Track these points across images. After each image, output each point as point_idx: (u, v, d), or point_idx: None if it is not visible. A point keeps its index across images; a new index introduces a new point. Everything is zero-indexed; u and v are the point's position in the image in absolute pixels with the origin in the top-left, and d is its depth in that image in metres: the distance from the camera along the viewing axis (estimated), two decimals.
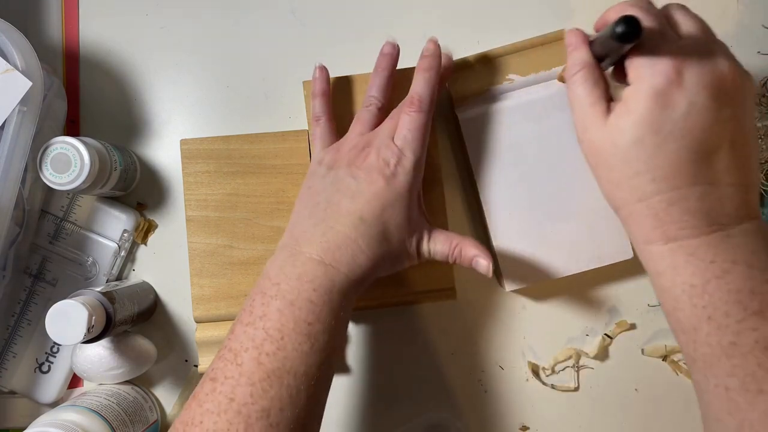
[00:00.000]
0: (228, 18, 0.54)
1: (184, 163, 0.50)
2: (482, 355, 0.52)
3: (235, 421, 0.34)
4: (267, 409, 0.34)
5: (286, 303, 0.37)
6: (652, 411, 0.52)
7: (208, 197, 0.50)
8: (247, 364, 0.36)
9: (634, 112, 0.34)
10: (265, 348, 0.36)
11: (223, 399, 0.35)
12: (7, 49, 0.43)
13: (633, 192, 0.35)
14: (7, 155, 0.43)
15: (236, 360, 0.36)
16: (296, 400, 0.35)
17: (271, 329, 0.36)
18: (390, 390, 0.52)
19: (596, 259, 0.48)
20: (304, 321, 0.37)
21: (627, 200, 0.36)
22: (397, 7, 0.54)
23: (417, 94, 0.44)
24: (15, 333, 0.51)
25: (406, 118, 0.43)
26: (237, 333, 0.37)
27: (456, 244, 0.42)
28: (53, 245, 0.51)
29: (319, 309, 0.37)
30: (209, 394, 0.35)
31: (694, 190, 0.34)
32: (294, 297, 0.37)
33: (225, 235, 0.50)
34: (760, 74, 0.53)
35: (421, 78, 0.45)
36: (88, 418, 0.45)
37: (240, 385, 0.35)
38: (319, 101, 0.48)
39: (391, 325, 0.52)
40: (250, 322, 0.37)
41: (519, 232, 0.49)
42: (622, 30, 0.32)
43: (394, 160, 0.42)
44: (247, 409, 0.34)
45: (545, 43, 0.49)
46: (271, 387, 0.35)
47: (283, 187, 0.50)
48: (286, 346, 0.36)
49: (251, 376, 0.35)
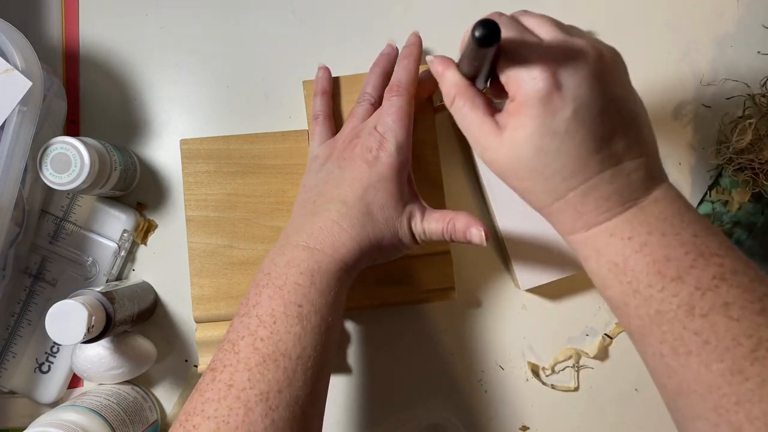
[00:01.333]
0: (228, 18, 0.54)
1: (184, 163, 0.50)
2: (482, 355, 0.52)
3: (235, 406, 0.34)
4: (265, 392, 0.35)
5: (275, 289, 0.38)
6: (652, 411, 0.52)
7: (208, 197, 0.50)
8: (243, 351, 0.36)
9: (527, 125, 0.35)
10: (260, 333, 0.37)
11: (222, 386, 0.35)
12: (7, 49, 0.43)
13: (548, 195, 0.36)
14: (7, 155, 0.43)
15: (234, 348, 0.37)
16: (294, 382, 0.36)
17: (263, 315, 0.37)
18: (390, 390, 0.52)
19: None
20: (294, 303, 0.38)
21: (544, 202, 0.37)
22: (397, 7, 0.54)
23: (396, 79, 0.46)
24: (15, 333, 0.51)
25: (386, 103, 0.44)
26: (234, 325, 0.38)
27: (449, 219, 0.42)
28: (53, 245, 0.51)
29: (307, 290, 0.38)
30: (209, 384, 0.36)
31: (602, 176, 0.34)
32: (282, 282, 0.38)
33: (225, 235, 0.50)
34: (760, 74, 0.53)
35: (400, 65, 0.47)
36: (88, 418, 0.45)
37: (238, 371, 0.36)
38: (318, 99, 0.49)
39: (391, 325, 0.52)
40: (245, 312, 0.38)
41: (530, 231, 0.49)
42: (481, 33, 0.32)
43: (376, 145, 0.43)
44: (245, 394, 0.35)
45: None
46: (267, 370, 0.35)
47: (283, 187, 0.50)
48: (279, 329, 0.37)
49: (248, 361, 0.36)
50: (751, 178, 0.51)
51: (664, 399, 0.35)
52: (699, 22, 0.54)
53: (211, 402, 0.35)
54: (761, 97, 0.51)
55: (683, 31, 0.54)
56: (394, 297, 0.50)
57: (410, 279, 0.49)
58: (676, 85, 0.53)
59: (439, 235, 0.43)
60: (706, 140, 0.53)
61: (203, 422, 0.34)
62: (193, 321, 0.50)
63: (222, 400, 0.35)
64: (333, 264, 0.40)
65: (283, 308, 0.37)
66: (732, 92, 0.53)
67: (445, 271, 0.50)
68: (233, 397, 0.35)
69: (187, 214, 0.50)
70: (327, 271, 0.39)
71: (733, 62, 0.53)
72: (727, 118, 0.52)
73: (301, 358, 0.37)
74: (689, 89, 0.53)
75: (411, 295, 0.50)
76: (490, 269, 0.53)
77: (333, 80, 0.50)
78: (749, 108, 0.52)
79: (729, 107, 0.53)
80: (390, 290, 0.49)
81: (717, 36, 0.54)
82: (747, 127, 0.50)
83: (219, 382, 0.36)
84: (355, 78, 0.50)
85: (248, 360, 0.36)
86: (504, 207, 0.49)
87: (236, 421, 0.34)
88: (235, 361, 0.36)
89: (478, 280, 0.52)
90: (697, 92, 0.53)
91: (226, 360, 0.36)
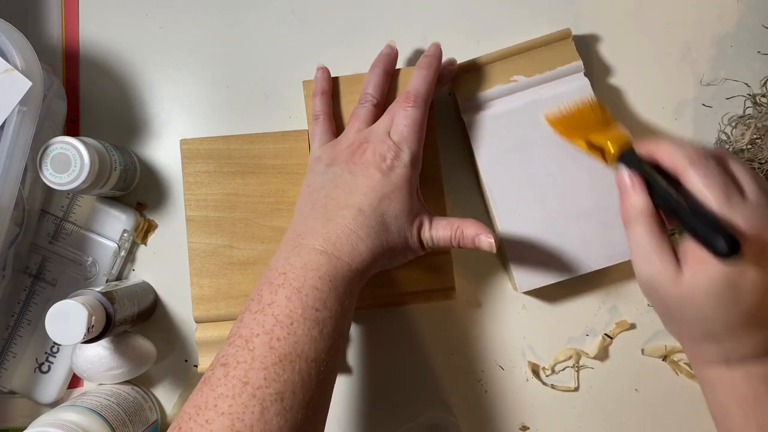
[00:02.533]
0: (228, 18, 0.54)
1: (184, 163, 0.50)
2: (482, 355, 0.52)
3: (250, 404, 0.34)
4: (281, 392, 0.35)
5: (293, 290, 0.38)
6: (652, 411, 0.52)
7: (208, 197, 0.50)
8: (259, 349, 0.36)
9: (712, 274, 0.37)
10: (276, 333, 0.36)
11: (237, 383, 0.35)
12: (7, 49, 0.43)
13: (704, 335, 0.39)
14: (7, 155, 0.43)
15: (247, 345, 0.36)
16: (308, 384, 0.36)
17: (280, 315, 0.37)
18: (390, 390, 0.52)
19: (608, 258, 0.48)
20: (312, 307, 0.38)
21: (695, 339, 0.40)
22: (397, 7, 0.54)
23: (414, 89, 0.45)
24: (15, 333, 0.51)
25: (402, 113, 0.44)
26: (246, 321, 0.38)
27: (457, 226, 0.43)
28: (53, 245, 0.51)
29: (326, 296, 0.38)
30: (221, 379, 0.35)
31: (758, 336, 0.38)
32: (300, 284, 0.38)
33: (225, 235, 0.50)
34: (760, 74, 0.53)
35: (419, 74, 0.46)
36: (88, 418, 0.45)
37: (253, 369, 0.35)
38: (319, 99, 0.49)
39: (391, 324, 0.52)
40: (259, 309, 0.38)
41: (530, 234, 0.49)
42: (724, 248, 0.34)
43: (391, 155, 0.43)
44: (261, 393, 0.35)
45: (549, 43, 0.49)
46: (284, 371, 0.35)
47: (283, 187, 0.50)
48: (296, 331, 0.37)
49: (264, 360, 0.36)
50: None
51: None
52: (699, 22, 0.54)
53: (225, 398, 0.35)
54: (761, 97, 0.51)
55: (683, 31, 0.54)
56: (394, 297, 0.50)
57: (411, 279, 0.49)
58: (676, 85, 0.53)
59: (447, 242, 0.43)
60: (706, 140, 0.53)
61: (217, 417, 0.34)
62: (193, 321, 0.50)
63: (237, 397, 0.34)
64: (350, 272, 0.40)
65: (301, 310, 0.37)
66: (732, 92, 0.53)
67: (445, 271, 0.50)
68: (248, 394, 0.34)
69: (187, 214, 0.50)
70: (344, 278, 0.40)
71: (733, 62, 0.53)
72: (727, 118, 0.52)
73: (315, 361, 0.37)
74: (689, 89, 0.53)
75: (411, 295, 0.50)
76: (490, 269, 0.53)
77: (333, 80, 0.50)
78: (749, 108, 0.52)
79: (729, 107, 0.53)
80: (390, 290, 0.49)
81: (717, 36, 0.54)
82: (747, 127, 0.50)
83: (233, 379, 0.35)
84: (354, 78, 0.50)
85: (264, 358, 0.36)
86: (504, 209, 0.49)
87: (251, 419, 0.34)
88: (249, 359, 0.36)
89: (478, 281, 0.52)
90: (697, 92, 0.53)
91: (239, 356, 0.36)
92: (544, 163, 0.49)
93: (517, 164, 0.49)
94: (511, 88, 0.49)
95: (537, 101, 0.49)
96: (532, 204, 0.49)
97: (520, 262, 0.49)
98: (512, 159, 0.49)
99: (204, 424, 0.34)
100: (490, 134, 0.49)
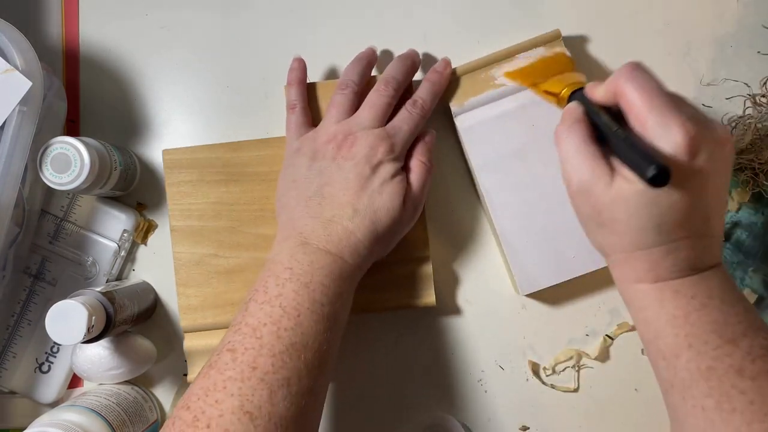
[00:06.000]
0: (228, 18, 0.54)
1: (167, 173, 0.50)
2: (482, 355, 0.52)
3: (259, 388, 0.36)
4: (287, 378, 0.37)
5: (301, 285, 0.40)
6: (652, 411, 0.52)
7: (192, 206, 0.50)
8: (267, 337, 0.38)
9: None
10: (283, 324, 0.38)
11: (246, 367, 0.36)
12: (7, 49, 0.43)
13: (633, 244, 0.37)
14: (7, 155, 0.43)
15: (255, 333, 0.38)
16: (311, 373, 0.38)
17: (288, 307, 0.39)
18: (390, 390, 0.52)
19: None
20: (318, 302, 0.40)
21: (624, 247, 0.38)
22: (397, 8, 0.54)
23: (421, 98, 0.47)
24: (15, 333, 0.51)
25: (406, 114, 0.46)
26: (252, 310, 0.39)
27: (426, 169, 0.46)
28: (53, 245, 0.51)
29: (331, 292, 0.41)
30: (229, 363, 0.37)
31: (687, 242, 0.37)
32: (308, 280, 0.40)
33: (210, 244, 0.50)
34: (760, 74, 0.53)
35: (428, 86, 0.48)
36: (88, 418, 0.45)
37: (262, 356, 0.37)
38: (295, 89, 0.49)
39: (390, 325, 0.52)
40: (265, 300, 0.39)
41: (529, 236, 0.49)
42: (654, 175, 0.33)
43: (383, 148, 0.44)
44: (269, 378, 0.36)
45: (538, 45, 0.49)
46: (290, 359, 0.37)
47: (267, 195, 0.50)
48: (303, 323, 0.39)
49: (272, 347, 0.37)
50: (751, 178, 0.51)
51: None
52: (699, 22, 0.54)
53: (234, 381, 0.36)
54: (761, 97, 0.51)
55: (683, 31, 0.54)
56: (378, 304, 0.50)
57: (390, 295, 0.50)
58: (676, 85, 0.53)
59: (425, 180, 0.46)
60: None
61: (226, 398, 0.35)
62: None
63: (246, 381, 0.36)
64: (351, 270, 0.43)
65: (308, 304, 0.39)
66: (732, 92, 0.53)
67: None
68: (257, 378, 0.36)
69: (172, 224, 0.50)
70: (348, 277, 0.42)
71: (733, 62, 0.53)
72: (727, 119, 0.52)
73: (319, 352, 0.39)
74: (689, 89, 0.53)
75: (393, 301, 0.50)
76: (490, 270, 0.53)
77: (310, 87, 0.50)
78: (749, 108, 0.52)
79: (729, 107, 0.53)
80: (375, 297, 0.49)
81: (717, 36, 0.54)
82: (747, 127, 0.50)
83: (241, 363, 0.36)
84: (331, 84, 0.50)
85: (272, 346, 0.37)
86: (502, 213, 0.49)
87: (260, 401, 0.35)
88: (258, 346, 0.37)
89: (479, 281, 0.52)
90: (697, 92, 0.53)
91: (247, 343, 0.37)
92: (540, 165, 0.49)
93: (513, 167, 0.49)
94: (503, 92, 0.49)
95: (529, 104, 0.49)
96: (530, 206, 0.49)
97: (521, 264, 0.49)
98: (508, 162, 0.49)
99: (213, 404, 0.35)
100: (484, 139, 0.49)
